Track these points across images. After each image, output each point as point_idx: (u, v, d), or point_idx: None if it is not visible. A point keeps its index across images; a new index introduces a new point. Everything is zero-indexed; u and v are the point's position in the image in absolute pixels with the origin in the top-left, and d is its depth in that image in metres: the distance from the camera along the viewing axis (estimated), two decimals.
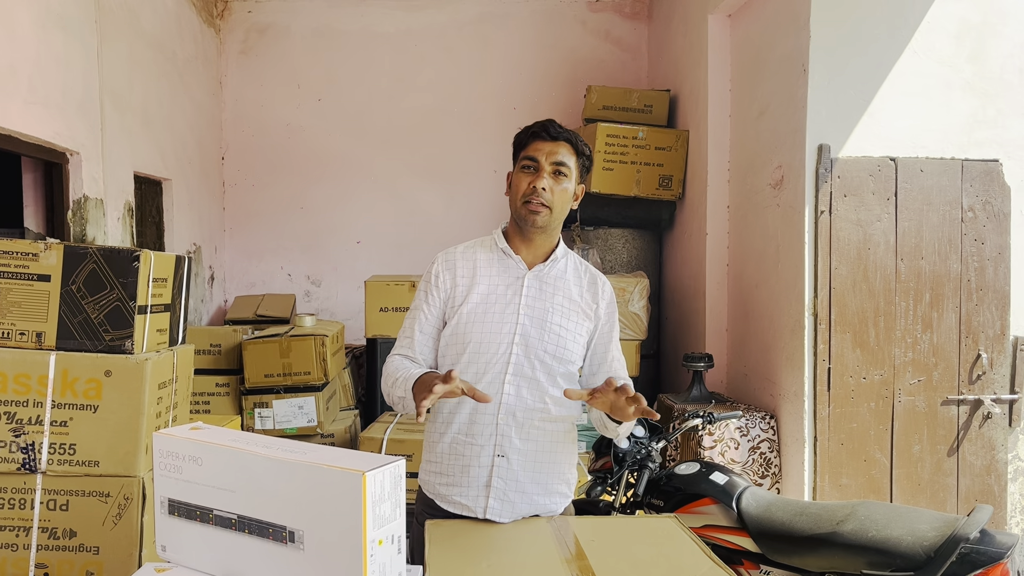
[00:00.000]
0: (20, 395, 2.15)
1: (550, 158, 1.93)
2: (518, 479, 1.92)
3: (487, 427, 1.92)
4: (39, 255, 2.17)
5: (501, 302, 1.96)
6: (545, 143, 1.95)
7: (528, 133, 1.99)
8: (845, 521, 2.33)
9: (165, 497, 1.46)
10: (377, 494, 1.24)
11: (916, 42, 3.48)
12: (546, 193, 1.92)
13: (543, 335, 1.94)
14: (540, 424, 1.94)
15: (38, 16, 3.26)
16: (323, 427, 4.49)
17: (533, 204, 1.93)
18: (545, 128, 1.96)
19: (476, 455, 1.92)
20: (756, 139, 4.08)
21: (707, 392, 4.13)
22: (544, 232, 1.99)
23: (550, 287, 2.00)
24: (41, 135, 3.29)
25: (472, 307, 1.95)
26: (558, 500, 2.00)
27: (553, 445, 1.97)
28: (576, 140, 1.98)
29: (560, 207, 1.96)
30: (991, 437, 3.52)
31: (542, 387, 1.94)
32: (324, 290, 5.97)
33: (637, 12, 6.00)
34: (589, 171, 2.07)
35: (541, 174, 1.93)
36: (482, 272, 2.00)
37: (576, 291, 2.02)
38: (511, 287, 1.98)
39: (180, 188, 5.01)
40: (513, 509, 1.92)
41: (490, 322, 1.94)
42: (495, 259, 2.02)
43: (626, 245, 5.16)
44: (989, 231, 3.51)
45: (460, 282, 2.00)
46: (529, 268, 2.00)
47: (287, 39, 5.88)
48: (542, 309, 1.96)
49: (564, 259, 2.06)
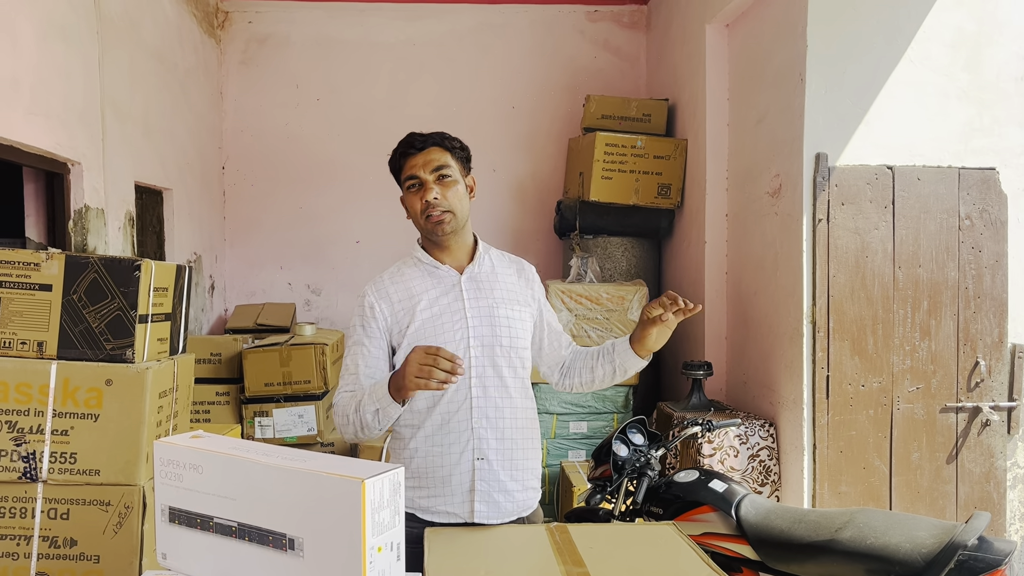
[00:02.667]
0: (21, 404, 2.16)
1: (427, 168, 1.97)
2: (499, 479, 1.96)
3: (463, 433, 1.95)
4: (41, 265, 2.18)
5: (447, 312, 1.99)
6: (416, 157, 1.99)
7: (398, 155, 2.03)
8: (844, 528, 2.34)
9: (166, 505, 1.47)
10: (376, 501, 1.25)
11: (913, 51, 3.50)
12: (440, 201, 1.96)
13: (495, 330, 1.99)
14: (512, 420, 1.99)
15: (40, 27, 3.28)
16: (323, 436, 4.49)
17: (434, 216, 1.97)
18: (410, 144, 2.01)
19: (455, 462, 1.95)
20: (754, 148, 4.10)
21: (706, 400, 4.14)
22: (457, 235, 2.04)
23: (486, 284, 2.05)
24: (42, 145, 3.31)
25: (420, 324, 1.97)
26: (532, 495, 2.06)
27: (526, 441, 2.02)
28: (443, 139, 2.03)
29: (459, 207, 2.01)
30: (990, 444, 3.53)
31: (506, 381, 1.99)
32: (324, 299, 5.98)
33: (635, 22, 6.03)
34: (470, 160, 2.11)
35: (427, 187, 1.97)
36: (417, 290, 2.03)
37: (510, 281, 2.09)
38: (450, 294, 2.02)
39: (181, 198, 5.02)
40: (499, 509, 1.95)
41: (442, 334, 1.97)
42: (425, 274, 2.06)
43: (625, 253, 5.18)
44: (986, 239, 3.53)
45: (398, 307, 2.01)
46: (459, 273, 2.05)
47: (287, 49, 5.91)
48: (487, 306, 2.01)
49: (487, 254, 2.12)
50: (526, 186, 5.97)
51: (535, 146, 5.96)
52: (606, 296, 4.50)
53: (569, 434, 4.50)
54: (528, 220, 5.99)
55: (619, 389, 4.51)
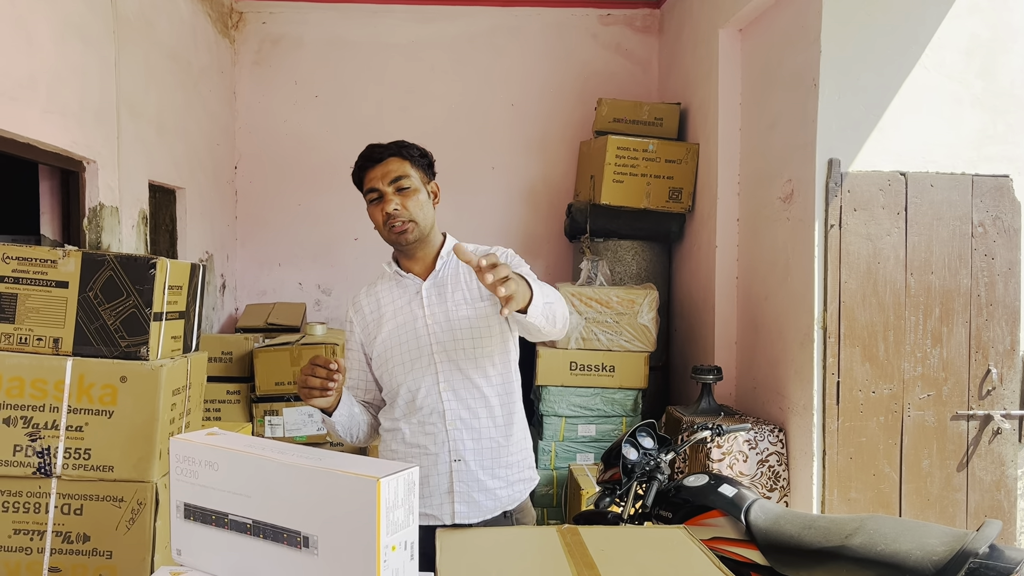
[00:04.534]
0: (37, 400, 2.18)
1: (385, 180, 1.99)
2: (478, 479, 1.97)
3: (438, 435, 1.98)
4: (58, 262, 2.20)
5: (409, 321, 2.03)
6: (375, 169, 2.01)
7: (357, 168, 2.05)
8: (854, 535, 2.33)
9: (181, 501, 1.48)
10: (391, 500, 1.26)
11: (927, 58, 3.50)
12: (400, 211, 1.98)
13: (454, 334, 1.99)
14: (489, 420, 2.00)
15: (57, 26, 3.31)
16: (332, 435, 4.50)
17: (397, 227, 1.99)
18: (368, 157, 2.02)
19: (433, 464, 1.97)
20: (766, 153, 4.09)
21: (716, 404, 4.14)
22: (422, 243, 2.06)
23: (448, 287, 2.05)
24: (58, 143, 3.33)
25: (386, 335, 2.04)
26: (521, 488, 2.06)
27: (506, 439, 2.02)
28: (401, 148, 2.03)
29: (422, 216, 2.01)
30: (1000, 453, 3.51)
31: (476, 383, 2.00)
32: (334, 299, 5.99)
33: (648, 26, 6.03)
34: (432, 166, 2.11)
35: (387, 199, 1.99)
36: (385, 301, 2.10)
37: (471, 277, 2.05)
38: (412, 302, 2.05)
39: (193, 197, 5.05)
40: (479, 508, 1.97)
41: (404, 343, 2.01)
42: (394, 285, 2.11)
43: (636, 257, 5.18)
44: (999, 246, 3.52)
45: (369, 318, 2.10)
46: (424, 279, 2.07)
47: (300, 49, 5.93)
48: (444, 311, 2.02)
49: (451, 255, 2.10)
50: (537, 189, 5.98)
51: (546, 149, 5.97)
52: (616, 299, 4.50)
53: (577, 437, 4.50)
54: (539, 223, 6.00)
55: (628, 392, 4.51)
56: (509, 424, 2.04)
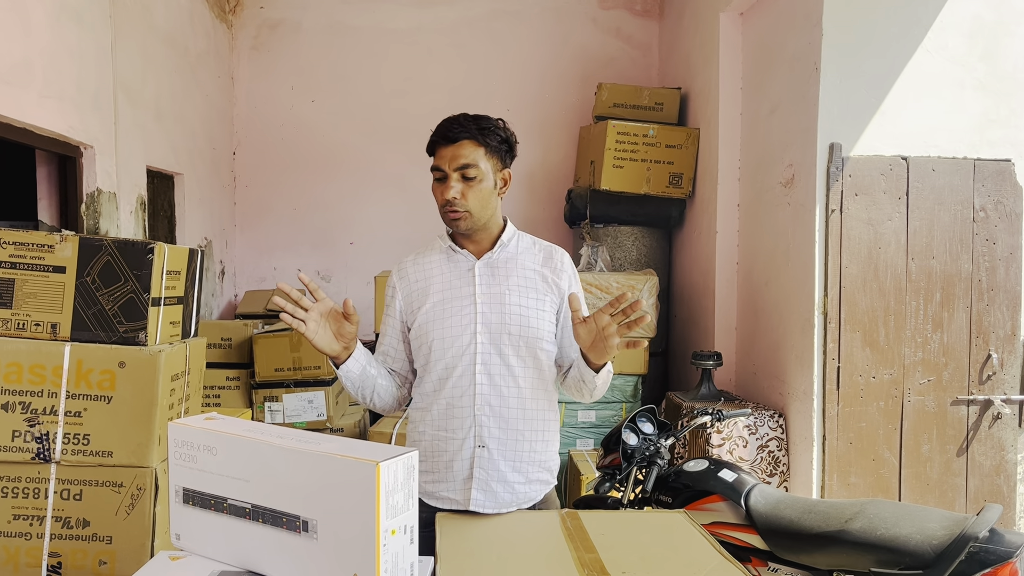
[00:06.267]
0: (35, 385, 2.17)
1: (453, 164, 1.91)
2: (499, 468, 1.93)
3: (466, 420, 1.93)
4: (55, 247, 2.19)
5: (458, 296, 1.97)
6: (446, 148, 1.92)
7: (432, 142, 1.97)
8: (854, 519, 2.33)
9: (180, 486, 1.48)
10: (391, 484, 1.25)
11: (929, 41, 3.47)
12: (459, 200, 1.91)
13: (504, 318, 1.94)
14: (519, 411, 1.95)
15: (53, 10, 3.28)
16: (333, 421, 4.51)
17: (452, 215, 1.93)
18: (443, 134, 1.93)
19: (457, 448, 1.94)
20: (767, 137, 4.07)
21: (716, 390, 4.14)
22: (479, 230, 2.00)
23: (502, 270, 2.00)
24: (55, 128, 3.31)
25: (430, 307, 1.97)
26: (539, 488, 2.01)
27: (533, 433, 1.98)
28: (479, 132, 1.93)
29: (479, 207, 1.94)
30: (1000, 438, 3.51)
31: (513, 370, 1.94)
32: (334, 285, 5.98)
33: (648, 9, 5.99)
34: (511, 151, 2.04)
35: (449, 183, 1.92)
36: (434, 273, 2.02)
37: (531, 268, 2.02)
38: (463, 278, 1.99)
39: (192, 183, 5.03)
40: (496, 499, 1.93)
41: (449, 317, 1.95)
42: (445, 259, 2.04)
43: (636, 243, 5.16)
44: (1001, 231, 3.50)
45: (414, 287, 2.02)
46: (478, 258, 2.01)
47: (298, 35, 5.90)
48: (498, 293, 1.96)
49: (514, 240, 2.06)
50: (536, 174, 5.96)
51: (546, 134, 5.94)
52: (616, 285, 4.49)
53: (578, 423, 4.50)
54: (538, 209, 5.98)
55: (628, 378, 4.51)
56: (539, 420, 1.99)
